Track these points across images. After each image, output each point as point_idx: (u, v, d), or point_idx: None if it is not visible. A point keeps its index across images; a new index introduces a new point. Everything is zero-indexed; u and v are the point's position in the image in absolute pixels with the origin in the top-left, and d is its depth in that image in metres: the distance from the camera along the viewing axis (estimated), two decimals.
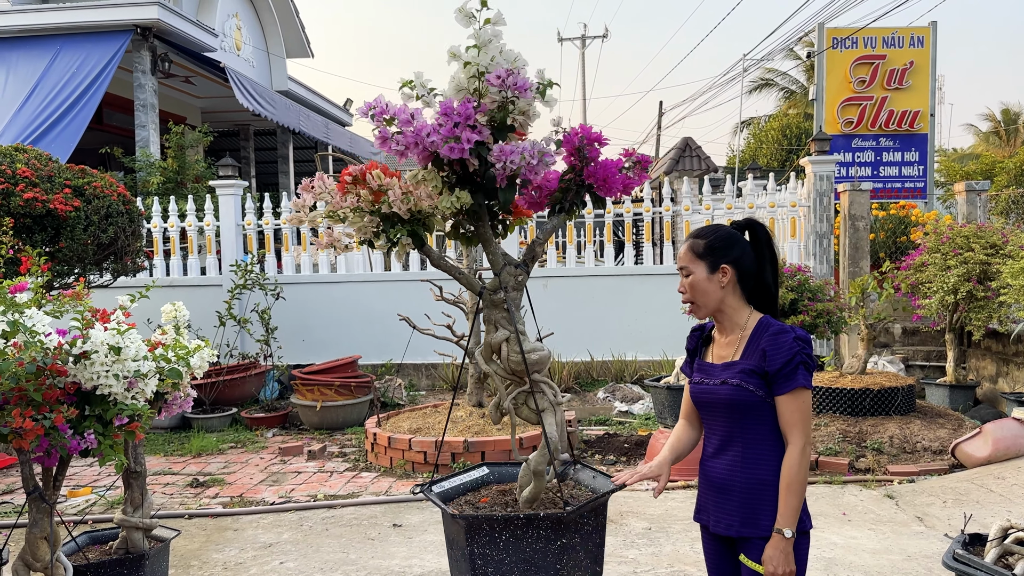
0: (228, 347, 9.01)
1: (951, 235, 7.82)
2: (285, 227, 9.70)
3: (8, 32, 11.74)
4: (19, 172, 6.24)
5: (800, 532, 2.26)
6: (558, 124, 2.92)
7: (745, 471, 2.29)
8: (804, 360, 2.24)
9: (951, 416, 6.70)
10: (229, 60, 14.20)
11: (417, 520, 5.17)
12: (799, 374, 2.23)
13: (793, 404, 2.24)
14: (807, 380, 2.24)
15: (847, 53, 14.41)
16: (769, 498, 2.26)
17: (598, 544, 2.39)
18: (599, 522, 2.41)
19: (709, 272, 2.34)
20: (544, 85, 2.79)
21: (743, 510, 2.29)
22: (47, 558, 3.04)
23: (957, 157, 25.80)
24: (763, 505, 2.26)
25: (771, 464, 2.27)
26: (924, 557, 4.34)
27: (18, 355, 2.64)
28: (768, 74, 28.18)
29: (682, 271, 2.39)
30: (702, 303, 2.37)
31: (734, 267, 2.34)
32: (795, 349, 2.23)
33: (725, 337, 2.40)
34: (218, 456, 7.03)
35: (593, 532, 2.34)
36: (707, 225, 2.48)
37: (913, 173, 14.60)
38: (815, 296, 6.25)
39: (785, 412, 2.25)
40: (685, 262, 2.38)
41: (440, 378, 9.40)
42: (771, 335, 2.28)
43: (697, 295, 2.36)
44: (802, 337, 2.26)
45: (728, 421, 2.32)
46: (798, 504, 2.22)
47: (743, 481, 2.29)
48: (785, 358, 2.23)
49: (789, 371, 2.23)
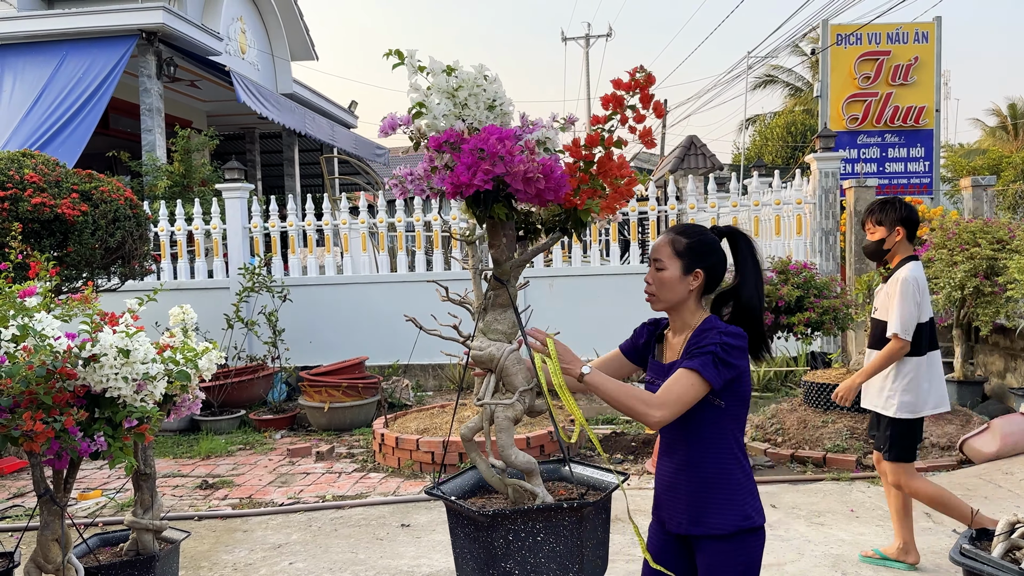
0: (236, 349, 9.04)
1: (957, 231, 7.80)
2: (291, 229, 9.74)
3: (14, 38, 11.80)
4: (27, 177, 6.28)
5: (749, 529, 2.27)
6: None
7: (689, 471, 2.31)
8: (715, 352, 2.19)
9: (959, 412, 6.68)
10: (234, 63, 14.24)
11: (425, 520, 5.19)
12: (700, 358, 2.19)
13: (677, 377, 2.19)
14: (704, 369, 2.17)
15: (851, 49, 14.38)
16: (714, 497, 2.28)
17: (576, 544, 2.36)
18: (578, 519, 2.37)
19: (683, 273, 2.33)
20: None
21: (690, 509, 2.31)
22: (59, 560, 3.07)
23: (963, 152, 25.68)
24: (708, 504, 2.28)
25: (714, 463, 2.29)
26: (932, 552, 4.34)
27: (28, 359, 2.66)
28: (773, 71, 28.14)
29: (655, 263, 2.37)
30: (664, 299, 2.36)
31: (705, 273, 2.35)
32: (713, 340, 2.21)
33: (675, 337, 2.41)
34: (227, 458, 7.06)
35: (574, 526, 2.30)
36: (691, 224, 2.46)
37: (919, 169, 14.56)
38: (821, 293, 6.24)
39: (668, 381, 2.21)
40: (662, 256, 2.36)
41: (447, 378, 9.41)
42: (702, 330, 2.28)
43: (663, 291, 2.35)
44: (729, 333, 2.23)
45: (673, 423, 2.29)
46: (610, 392, 2.19)
47: (687, 481, 2.32)
48: (699, 344, 2.23)
49: (695, 353, 2.21)
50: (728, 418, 2.30)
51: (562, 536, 2.17)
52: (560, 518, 2.16)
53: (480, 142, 2.08)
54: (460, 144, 2.11)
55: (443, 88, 2.16)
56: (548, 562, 2.16)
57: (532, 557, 2.15)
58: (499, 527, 2.14)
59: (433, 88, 2.17)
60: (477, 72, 2.18)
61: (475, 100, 2.16)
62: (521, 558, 2.15)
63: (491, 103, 2.19)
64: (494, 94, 2.20)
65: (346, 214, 9.78)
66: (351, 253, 9.84)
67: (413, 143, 2.25)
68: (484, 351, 2.33)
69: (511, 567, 2.16)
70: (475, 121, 2.16)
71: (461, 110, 2.16)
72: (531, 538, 2.15)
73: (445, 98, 2.16)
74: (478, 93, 2.17)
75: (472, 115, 2.16)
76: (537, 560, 2.16)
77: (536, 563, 2.16)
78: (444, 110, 2.15)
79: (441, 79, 2.15)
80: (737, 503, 2.27)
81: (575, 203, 2.26)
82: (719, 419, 2.28)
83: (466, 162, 2.07)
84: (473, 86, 2.16)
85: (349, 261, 9.86)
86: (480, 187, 2.08)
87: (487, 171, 2.06)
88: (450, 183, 2.11)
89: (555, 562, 2.17)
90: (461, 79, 2.15)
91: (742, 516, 2.27)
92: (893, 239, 4.15)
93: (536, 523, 2.15)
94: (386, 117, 2.23)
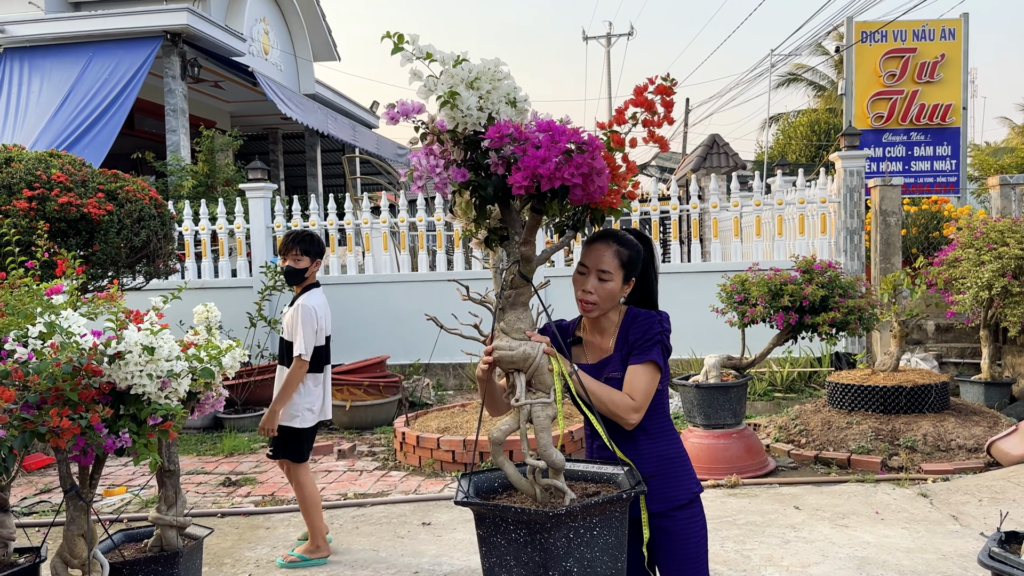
0: (259, 348, 9.10)
1: (985, 230, 7.69)
2: (313, 229, 9.79)
3: (42, 40, 11.96)
4: (54, 177, 6.36)
5: (699, 494, 2.46)
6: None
7: (649, 453, 2.39)
8: (662, 340, 2.35)
9: (986, 413, 6.59)
10: (257, 64, 14.34)
11: (446, 518, 5.19)
12: (653, 351, 2.33)
13: (640, 374, 2.32)
14: (659, 357, 2.33)
15: (876, 47, 14.23)
16: (675, 472, 2.42)
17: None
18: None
19: (623, 283, 2.40)
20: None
21: (654, 490, 2.37)
22: (84, 555, 3.10)
23: (991, 151, 25.33)
24: (671, 479, 2.40)
25: (666, 441, 2.43)
26: (959, 556, 4.28)
27: (55, 356, 2.69)
28: (796, 69, 27.89)
29: (601, 273, 2.37)
30: (604, 307, 2.40)
31: (636, 281, 2.46)
32: (656, 329, 2.35)
33: (599, 336, 2.46)
34: (250, 456, 7.11)
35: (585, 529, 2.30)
36: (623, 233, 2.48)
37: (945, 167, 14.38)
38: (846, 292, 6.17)
39: (632, 380, 2.31)
40: (607, 267, 2.38)
41: (468, 378, 9.42)
42: (639, 321, 2.39)
43: (605, 301, 2.39)
44: (665, 320, 2.40)
45: None
46: (594, 392, 2.26)
47: (650, 463, 2.38)
48: (645, 335, 2.34)
49: (647, 346, 2.33)
50: (663, 396, 2.45)
51: (613, 527, 2.18)
52: (612, 510, 2.16)
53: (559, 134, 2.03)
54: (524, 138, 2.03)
55: (462, 78, 2.06)
56: (602, 555, 2.18)
57: (589, 552, 2.16)
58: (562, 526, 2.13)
59: (444, 76, 2.07)
60: (493, 63, 2.13)
61: (496, 93, 2.12)
62: (580, 555, 2.15)
63: (511, 98, 2.15)
64: (511, 87, 2.13)
65: (368, 214, 9.81)
66: (373, 252, 9.87)
67: (420, 135, 2.13)
68: (516, 350, 2.28)
69: (571, 565, 2.15)
70: (495, 115, 2.12)
71: (484, 101, 2.10)
72: (588, 533, 2.16)
73: (464, 88, 2.07)
74: (497, 86, 2.12)
75: (493, 108, 2.11)
76: (593, 554, 2.17)
77: (592, 557, 2.17)
78: (474, 102, 2.05)
79: (458, 69, 2.07)
80: (690, 472, 2.46)
81: (610, 202, 2.23)
82: (661, 399, 2.42)
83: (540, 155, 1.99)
84: (491, 77, 2.12)
85: (371, 260, 9.90)
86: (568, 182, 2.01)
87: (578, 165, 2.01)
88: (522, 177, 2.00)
89: (607, 554, 2.18)
90: (478, 70, 2.08)
91: (695, 482, 2.46)
92: (312, 269, 4.70)
93: (594, 517, 2.16)
94: (395, 104, 2.14)
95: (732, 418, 6.02)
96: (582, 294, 2.40)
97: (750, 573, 4.18)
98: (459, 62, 2.08)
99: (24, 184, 6.25)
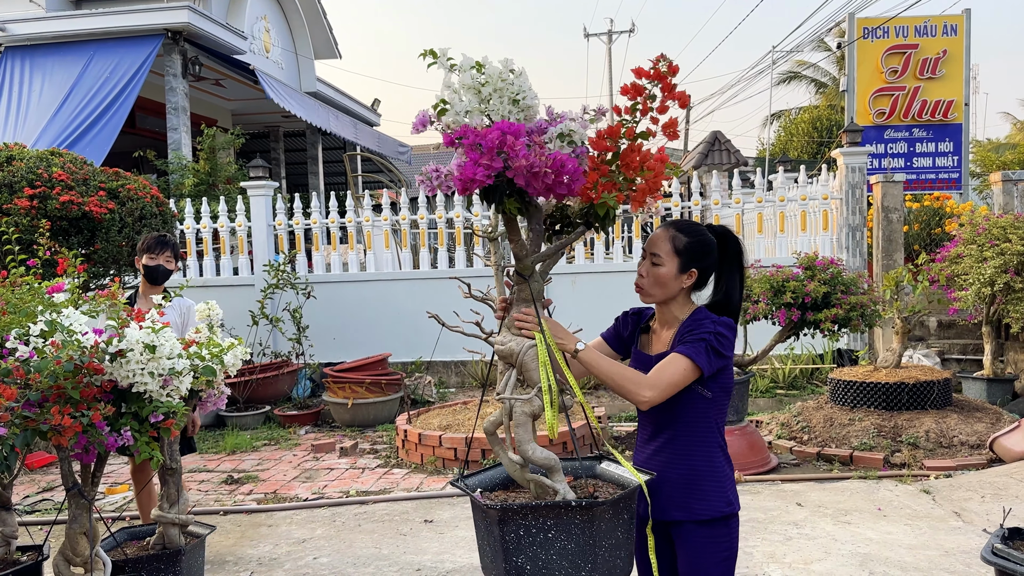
0: (261, 346, 9.11)
1: (987, 226, 7.67)
2: (315, 227, 9.79)
3: (43, 38, 11.96)
4: (55, 176, 6.36)
5: (730, 515, 2.31)
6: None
7: (677, 461, 2.33)
8: (708, 340, 2.23)
9: (989, 410, 6.58)
10: (258, 62, 14.33)
11: (448, 516, 5.19)
12: (693, 345, 2.22)
13: (669, 360, 2.23)
14: (696, 355, 2.21)
15: (878, 43, 14.20)
16: (702, 485, 2.31)
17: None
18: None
19: (678, 271, 2.33)
20: None
21: (676, 495, 2.32)
22: (86, 553, 3.10)
23: (993, 147, 25.28)
24: (696, 491, 2.31)
25: (702, 453, 2.32)
26: (962, 552, 4.27)
27: (56, 354, 2.69)
28: (798, 66, 27.83)
29: (652, 256, 2.35)
30: (656, 294, 2.37)
31: (700, 273, 2.36)
32: (707, 328, 2.25)
33: (665, 330, 2.41)
34: (252, 453, 7.11)
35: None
36: (691, 222, 2.44)
37: (947, 164, 14.36)
38: (848, 289, 6.16)
39: (662, 363, 2.24)
40: (660, 252, 2.34)
41: (470, 375, 9.42)
42: (694, 319, 2.31)
43: (656, 287, 2.35)
44: (722, 323, 2.27)
45: (660, 411, 2.33)
46: (603, 370, 2.23)
47: (673, 468, 2.33)
48: (692, 330, 2.26)
49: (689, 339, 2.24)
50: (715, 408, 2.33)
51: (573, 534, 2.17)
52: (571, 516, 2.15)
53: (479, 137, 2.07)
54: (463, 141, 2.11)
55: (469, 84, 2.15)
56: (560, 559, 2.17)
57: (543, 553, 2.16)
58: (510, 521, 2.15)
59: (460, 84, 2.16)
60: (503, 67, 2.17)
61: (499, 95, 2.15)
62: (532, 554, 2.16)
63: (515, 97, 2.18)
64: (519, 88, 2.18)
65: (369, 211, 9.81)
66: (374, 250, 9.87)
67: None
68: (505, 346, 2.34)
69: (523, 562, 2.17)
70: (499, 116, 2.15)
71: (486, 105, 2.14)
72: (542, 534, 2.16)
73: (472, 94, 2.15)
74: (503, 88, 2.16)
75: (496, 110, 2.15)
76: (548, 557, 2.16)
77: (548, 559, 2.16)
78: (466, 106, 2.15)
79: (467, 75, 2.15)
80: (722, 489, 2.32)
81: (591, 197, 2.23)
82: (707, 409, 2.31)
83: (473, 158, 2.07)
84: (498, 81, 2.15)
85: (372, 258, 9.89)
86: (481, 183, 2.07)
87: (487, 166, 2.05)
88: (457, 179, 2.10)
89: (566, 560, 2.17)
90: (487, 74, 2.15)
91: (725, 502, 2.31)
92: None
93: (547, 519, 2.15)
94: (419, 114, 2.22)
95: (734, 415, 6.02)
96: (636, 277, 2.39)
97: (752, 570, 4.17)
98: (480, 68, 2.15)
99: (25, 183, 6.25)
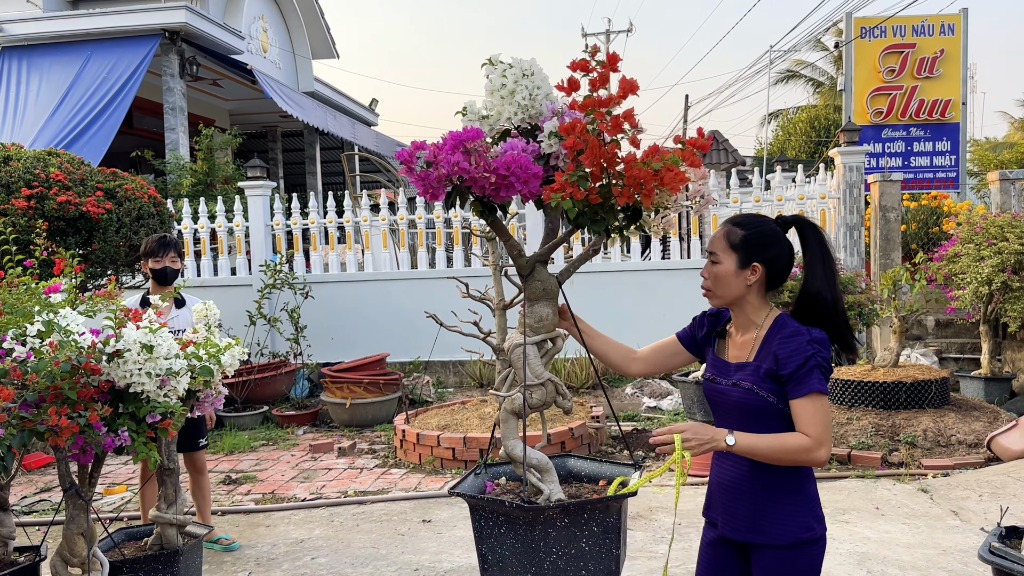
0: (259, 346, 9.10)
1: (985, 225, 7.69)
2: (313, 227, 9.78)
3: (40, 39, 11.94)
4: (52, 176, 6.35)
5: (810, 540, 2.18)
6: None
7: (754, 476, 2.21)
8: (819, 363, 2.10)
9: (986, 409, 6.59)
10: (256, 62, 14.32)
11: (446, 516, 5.19)
12: (812, 378, 2.09)
13: (809, 408, 2.10)
14: (822, 384, 2.10)
15: (876, 42, 14.21)
16: (778, 504, 2.19)
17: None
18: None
19: (738, 267, 2.20)
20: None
21: (751, 515, 2.21)
22: (84, 554, 3.10)
23: (990, 146, 25.30)
24: (771, 512, 2.19)
25: (781, 470, 2.18)
26: (960, 551, 4.28)
27: (53, 354, 2.69)
28: (796, 65, 27.86)
29: (711, 256, 2.26)
30: (721, 294, 2.26)
31: (765, 267, 2.21)
32: (809, 352, 2.10)
33: (741, 335, 2.29)
34: (250, 453, 7.11)
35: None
36: (751, 215, 2.32)
37: (945, 163, 14.36)
38: (846, 288, 6.18)
39: (801, 416, 2.11)
40: (717, 249, 2.24)
41: (468, 375, 9.41)
42: (784, 337, 2.15)
43: (719, 286, 2.25)
44: (817, 339, 2.13)
45: (738, 423, 2.21)
46: (763, 452, 2.12)
47: (751, 486, 2.22)
48: (798, 361, 2.10)
49: (803, 374, 2.10)
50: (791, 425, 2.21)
51: (520, 535, 2.20)
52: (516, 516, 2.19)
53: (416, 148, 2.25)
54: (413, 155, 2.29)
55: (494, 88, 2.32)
56: (511, 556, 2.25)
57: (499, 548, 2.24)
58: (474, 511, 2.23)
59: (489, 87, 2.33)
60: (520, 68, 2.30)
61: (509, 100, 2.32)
62: (491, 545, 2.22)
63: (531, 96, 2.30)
64: (531, 89, 2.30)
65: (367, 211, 9.80)
66: (372, 250, 9.86)
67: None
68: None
69: (485, 551, 2.25)
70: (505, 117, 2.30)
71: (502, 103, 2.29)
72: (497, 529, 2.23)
73: (499, 96, 2.31)
74: (515, 88, 2.28)
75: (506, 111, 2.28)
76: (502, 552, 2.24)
77: (501, 555, 2.23)
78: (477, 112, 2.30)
79: (495, 78, 2.31)
80: (800, 514, 2.19)
81: (547, 196, 2.21)
82: (791, 428, 2.16)
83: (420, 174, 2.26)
84: (513, 84, 2.29)
85: (370, 258, 9.89)
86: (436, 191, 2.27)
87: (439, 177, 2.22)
88: (419, 189, 2.29)
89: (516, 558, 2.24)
90: (512, 76, 2.30)
91: (804, 528, 2.18)
92: None
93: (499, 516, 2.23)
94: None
95: None
96: (702, 280, 2.31)
97: None
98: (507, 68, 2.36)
99: (23, 183, 6.24)
